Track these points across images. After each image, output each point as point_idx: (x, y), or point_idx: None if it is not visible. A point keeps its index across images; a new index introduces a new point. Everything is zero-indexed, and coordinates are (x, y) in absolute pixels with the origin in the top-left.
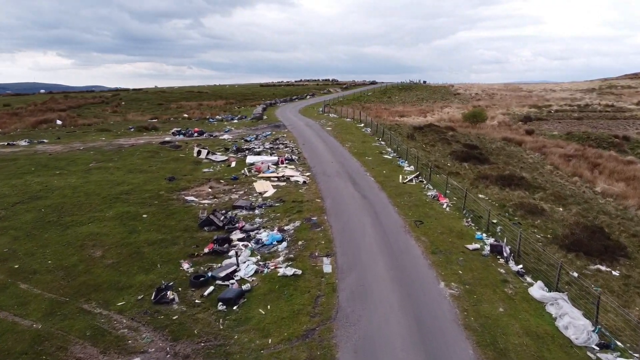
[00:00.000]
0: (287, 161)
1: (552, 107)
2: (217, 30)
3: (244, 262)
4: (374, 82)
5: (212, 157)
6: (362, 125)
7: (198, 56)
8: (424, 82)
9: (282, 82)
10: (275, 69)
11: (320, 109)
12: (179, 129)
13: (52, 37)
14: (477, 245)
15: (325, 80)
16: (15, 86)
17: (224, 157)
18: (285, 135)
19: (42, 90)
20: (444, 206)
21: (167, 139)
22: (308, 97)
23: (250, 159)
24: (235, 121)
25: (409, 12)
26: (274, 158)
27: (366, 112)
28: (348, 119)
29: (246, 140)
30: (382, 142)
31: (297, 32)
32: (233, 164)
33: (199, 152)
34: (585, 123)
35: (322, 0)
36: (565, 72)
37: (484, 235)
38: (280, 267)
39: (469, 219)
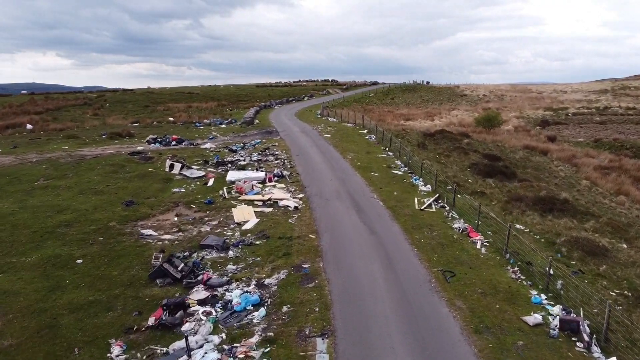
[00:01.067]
0: (276, 178)
1: (568, 110)
2: (217, 31)
3: (200, 347)
4: (375, 83)
5: (187, 173)
6: (366, 131)
7: (198, 57)
8: (427, 82)
9: (279, 82)
10: (275, 69)
11: (319, 112)
12: (155, 136)
13: (51, 37)
14: (539, 318)
15: (325, 80)
16: (15, 86)
17: (201, 173)
18: (276, 143)
19: (23, 91)
20: (478, 245)
21: (140, 148)
22: (306, 98)
23: (231, 175)
24: (223, 126)
25: (409, 13)
26: (260, 174)
27: (368, 116)
28: (349, 124)
29: (231, 150)
30: (390, 153)
31: (296, 32)
32: (211, 182)
33: (171, 166)
34: (610, 128)
35: (322, 1)
36: (565, 72)
37: (543, 297)
38: (254, 356)
39: (516, 268)
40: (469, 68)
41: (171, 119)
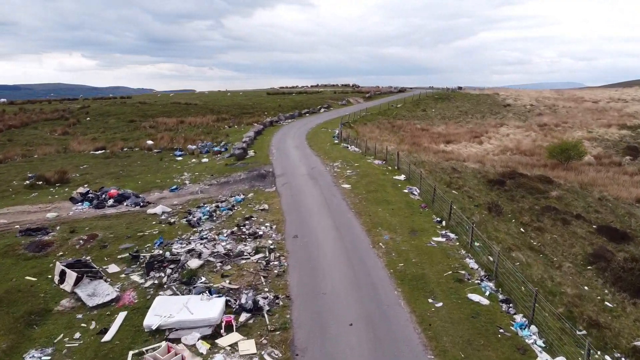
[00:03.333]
0: (243, 316)
1: None
2: (238, 32)
3: None
4: (402, 90)
5: (85, 293)
6: (403, 177)
7: (219, 57)
8: (460, 88)
9: (296, 86)
10: (295, 69)
11: (336, 132)
12: (85, 190)
13: (76, 38)
14: None
15: (345, 85)
16: (41, 87)
17: (111, 294)
18: (266, 205)
19: (3, 100)
20: None
21: (51, 214)
22: (322, 110)
23: (154, 312)
24: (205, 160)
25: (430, 13)
26: (212, 313)
27: (399, 136)
28: (377, 162)
29: (190, 224)
30: (451, 235)
31: (316, 33)
32: (115, 327)
33: (62, 276)
34: None
35: (342, 1)
36: (590, 73)
37: None
38: None
39: None
40: (490, 68)
41: (150, 142)
